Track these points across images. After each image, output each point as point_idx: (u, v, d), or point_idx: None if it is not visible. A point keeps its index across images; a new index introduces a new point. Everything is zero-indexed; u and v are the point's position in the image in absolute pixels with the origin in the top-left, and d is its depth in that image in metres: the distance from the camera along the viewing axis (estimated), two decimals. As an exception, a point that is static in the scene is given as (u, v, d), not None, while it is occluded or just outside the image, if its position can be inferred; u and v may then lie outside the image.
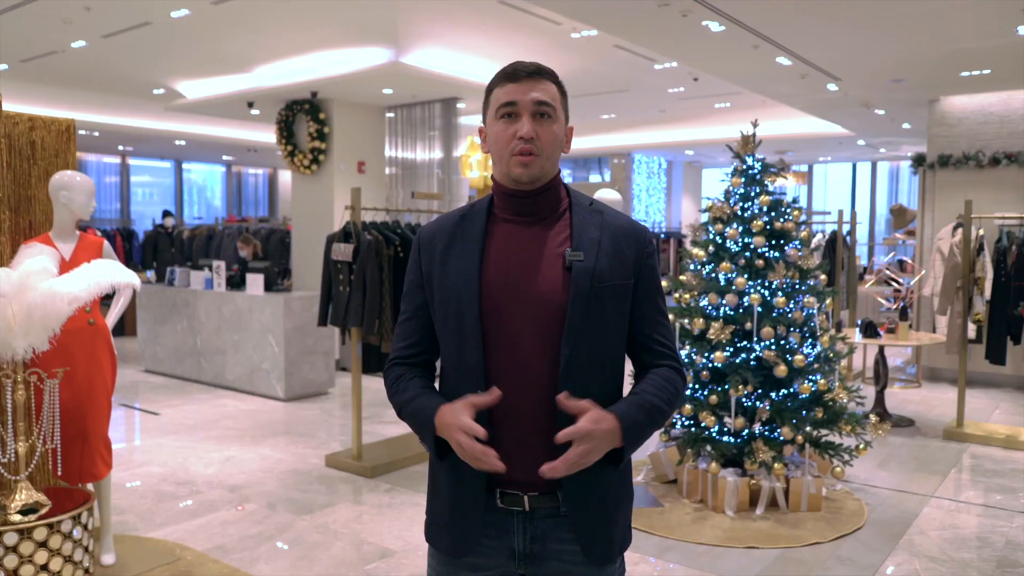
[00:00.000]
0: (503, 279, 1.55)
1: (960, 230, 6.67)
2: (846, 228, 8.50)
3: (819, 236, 8.82)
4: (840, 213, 8.36)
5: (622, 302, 1.58)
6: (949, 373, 8.24)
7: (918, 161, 8.51)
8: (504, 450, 1.50)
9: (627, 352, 1.66)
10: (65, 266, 3.32)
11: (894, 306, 8.93)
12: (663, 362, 1.63)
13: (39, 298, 2.94)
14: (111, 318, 3.69)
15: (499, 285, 1.55)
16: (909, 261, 10.01)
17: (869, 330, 6.39)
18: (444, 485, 1.63)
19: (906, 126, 10.59)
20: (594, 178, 16.60)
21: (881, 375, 6.54)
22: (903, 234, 9.75)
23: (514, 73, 1.55)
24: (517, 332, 1.53)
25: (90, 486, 3.52)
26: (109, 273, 3.17)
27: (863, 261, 14.39)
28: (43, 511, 3.02)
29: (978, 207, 7.01)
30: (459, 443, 1.46)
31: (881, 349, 6.60)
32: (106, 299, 3.58)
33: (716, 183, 17.24)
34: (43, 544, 2.95)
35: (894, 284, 9.20)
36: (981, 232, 6.60)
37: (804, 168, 16.84)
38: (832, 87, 7.85)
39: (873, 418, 4.72)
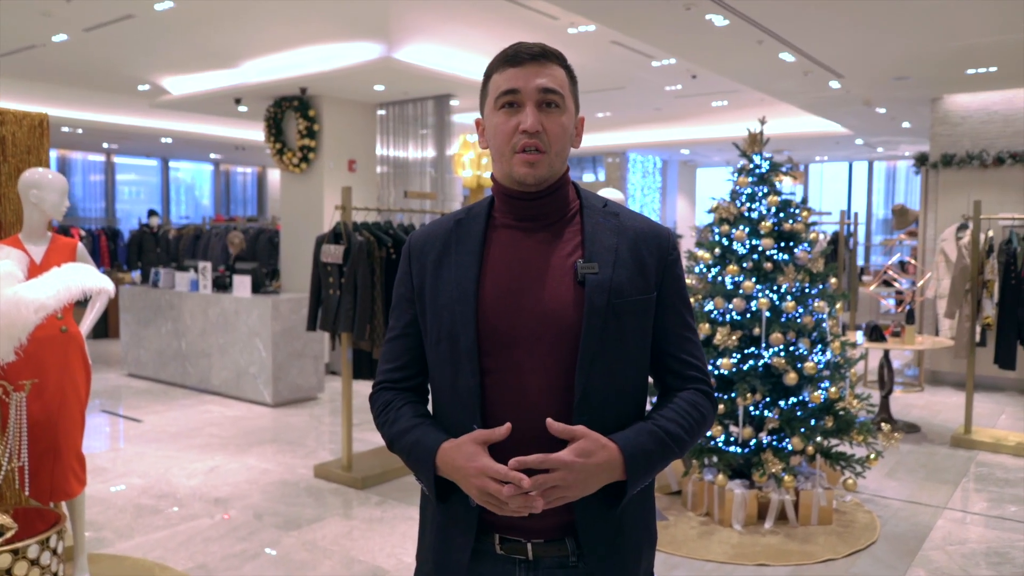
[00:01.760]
0: (504, 294, 1.35)
1: (965, 231, 6.51)
2: (846, 228, 8.34)
3: (821, 237, 8.66)
4: (842, 214, 8.21)
5: (644, 319, 1.38)
6: (951, 376, 8.09)
7: (920, 160, 8.35)
8: None
9: (651, 374, 1.46)
10: (35, 270, 3.10)
11: (896, 309, 8.78)
12: (692, 385, 1.43)
13: (3, 306, 2.72)
14: (85, 326, 3.46)
15: (499, 301, 1.34)
16: (912, 262, 9.86)
17: (875, 334, 6.22)
18: (431, 526, 1.44)
19: (906, 125, 10.45)
20: (587, 177, 16.40)
21: (886, 380, 6.37)
22: (904, 234, 9.60)
23: (516, 56, 1.33)
24: (520, 356, 1.33)
25: (63, 505, 3.31)
26: (80, 278, 2.96)
27: (860, 262, 14.26)
28: (9, 535, 2.80)
29: (982, 207, 6.85)
30: (482, 489, 1.25)
31: (886, 353, 6.43)
32: (83, 303, 3.37)
33: (712, 183, 17.11)
34: (8, 572, 2.73)
35: (896, 285, 9.05)
36: (991, 233, 6.44)
37: (800, 168, 16.71)
38: (834, 84, 7.69)
39: (885, 427, 4.54)
